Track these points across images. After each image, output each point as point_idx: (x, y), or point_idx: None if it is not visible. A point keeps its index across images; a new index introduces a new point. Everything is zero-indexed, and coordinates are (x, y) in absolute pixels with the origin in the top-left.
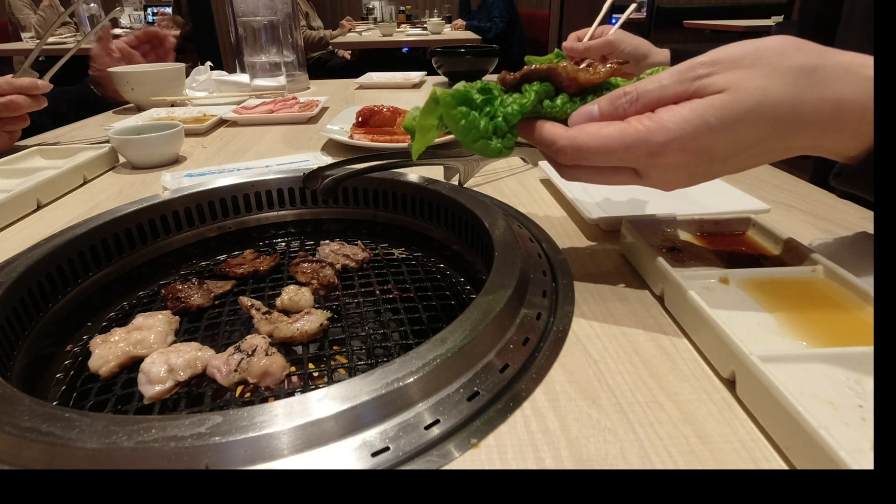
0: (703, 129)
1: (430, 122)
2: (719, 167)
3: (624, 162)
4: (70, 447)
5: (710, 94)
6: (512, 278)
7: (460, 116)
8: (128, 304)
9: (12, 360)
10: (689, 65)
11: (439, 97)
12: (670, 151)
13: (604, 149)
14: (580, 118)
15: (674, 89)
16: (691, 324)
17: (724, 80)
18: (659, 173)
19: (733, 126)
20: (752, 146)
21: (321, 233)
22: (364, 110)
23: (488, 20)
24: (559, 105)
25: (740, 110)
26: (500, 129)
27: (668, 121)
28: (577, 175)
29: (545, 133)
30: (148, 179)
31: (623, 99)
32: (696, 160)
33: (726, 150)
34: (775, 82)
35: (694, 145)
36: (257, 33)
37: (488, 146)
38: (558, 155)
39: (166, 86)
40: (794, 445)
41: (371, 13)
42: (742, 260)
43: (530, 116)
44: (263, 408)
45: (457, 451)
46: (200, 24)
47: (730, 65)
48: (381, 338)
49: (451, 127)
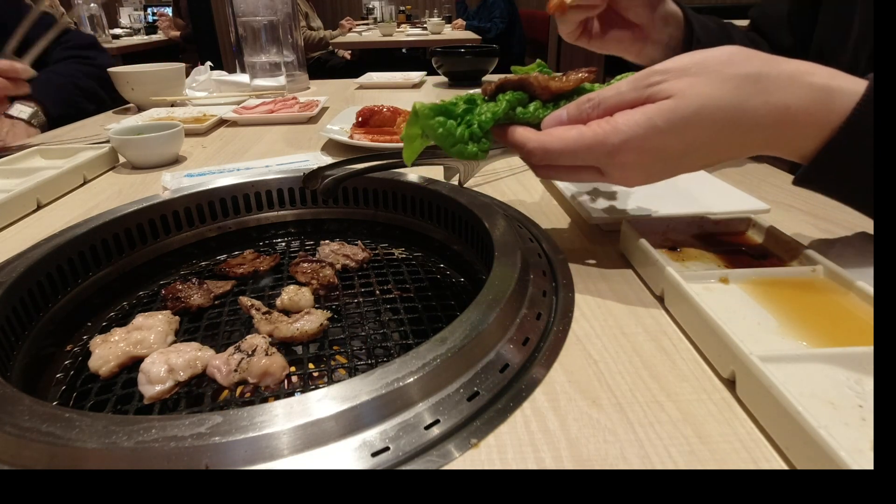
0: (652, 130)
1: (414, 132)
2: (675, 165)
3: (587, 161)
4: (70, 447)
5: (660, 100)
6: (512, 278)
7: (438, 125)
8: (128, 304)
9: (12, 360)
10: (645, 73)
11: (418, 110)
12: (625, 152)
13: (568, 150)
14: (550, 122)
15: (630, 95)
16: (691, 324)
17: (672, 86)
18: (619, 171)
19: (680, 129)
20: (701, 146)
21: (321, 233)
22: (364, 110)
23: (488, 20)
24: (531, 111)
25: (685, 114)
26: (475, 135)
27: (622, 124)
28: (549, 173)
29: (516, 136)
30: (148, 179)
31: (587, 104)
32: (650, 159)
33: (677, 151)
34: (719, 89)
35: (646, 146)
36: (257, 33)
37: (465, 150)
38: (529, 156)
39: (166, 86)
40: (794, 445)
41: (371, 13)
42: (742, 260)
43: (505, 122)
44: (263, 408)
45: (457, 451)
46: (200, 24)
47: (679, 73)
48: (381, 338)
49: (431, 135)
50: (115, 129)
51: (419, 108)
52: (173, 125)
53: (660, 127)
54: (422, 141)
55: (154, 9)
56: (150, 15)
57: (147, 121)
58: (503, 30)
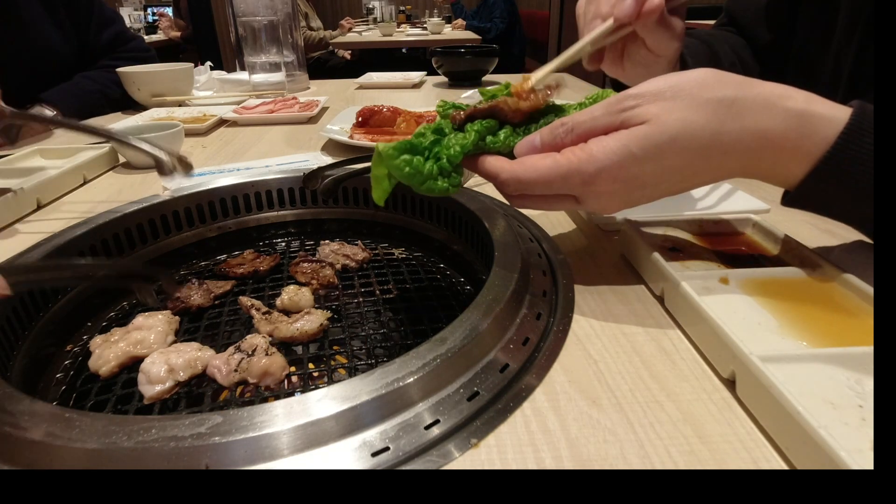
0: (629, 159)
1: (381, 172)
2: (651, 192)
3: (563, 190)
4: (70, 447)
5: (634, 125)
6: (512, 278)
7: (403, 164)
8: (128, 304)
9: (12, 360)
10: (618, 98)
11: (381, 152)
12: (601, 181)
13: (542, 180)
14: (523, 149)
15: (603, 121)
16: (691, 324)
17: (646, 111)
18: (594, 199)
19: (656, 155)
20: (679, 172)
21: (321, 233)
22: (364, 110)
23: (489, 20)
24: (502, 139)
25: (661, 140)
26: (444, 170)
27: (598, 152)
28: (524, 203)
29: (488, 167)
30: (148, 179)
31: (560, 129)
32: (626, 187)
33: (654, 177)
34: (695, 113)
35: (622, 174)
36: (257, 33)
37: (435, 186)
38: (502, 187)
39: (174, 86)
40: (794, 445)
41: (371, 13)
42: (742, 260)
43: (475, 153)
44: (263, 408)
45: (457, 451)
46: (200, 24)
47: (653, 97)
48: (381, 338)
49: (398, 176)
50: (115, 130)
51: (382, 150)
52: (173, 125)
53: (636, 154)
54: (390, 181)
55: (154, 9)
56: (151, 15)
57: (147, 121)
58: (503, 30)
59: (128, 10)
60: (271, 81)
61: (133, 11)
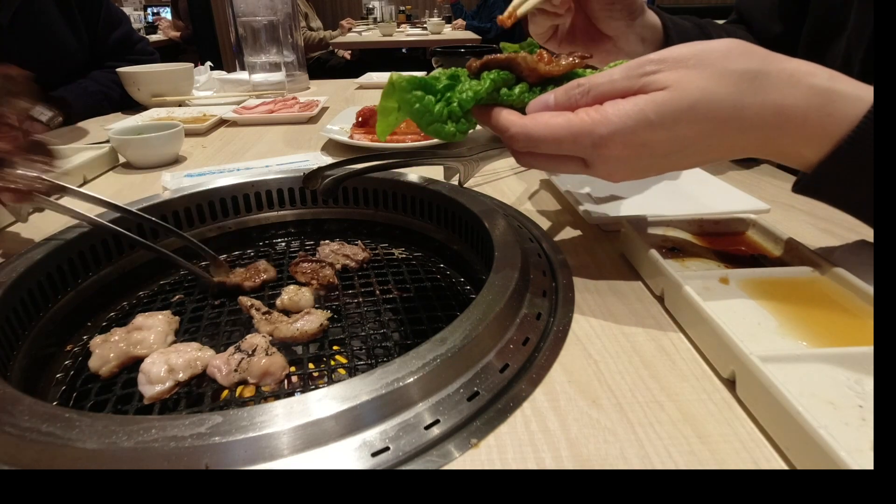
0: (643, 123)
1: (390, 105)
2: (662, 162)
3: (571, 151)
4: (70, 447)
5: (654, 91)
6: (512, 278)
7: (414, 100)
8: (128, 304)
9: (12, 360)
10: (639, 62)
11: (395, 82)
12: (612, 144)
13: (552, 138)
14: (536, 106)
15: (622, 84)
16: (691, 324)
17: (667, 78)
18: (603, 164)
19: (672, 123)
20: (693, 144)
21: (321, 233)
22: (364, 110)
23: (488, 20)
24: (516, 94)
25: (679, 107)
26: (454, 114)
27: (612, 114)
28: (531, 161)
29: (500, 120)
30: (148, 179)
31: (576, 90)
32: (637, 154)
33: (666, 147)
34: (717, 83)
35: (634, 139)
36: (257, 33)
37: (442, 129)
38: (511, 142)
39: (174, 86)
40: (794, 445)
41: (371, 13)
42: (742, 260)
43: (488, 103)
44: (263, 408)
45: (457, 451)
46: (200, 24)
47: (675, 64)
48: (381, 338)
49: (406, 110)
50: (115, 129)
51: (396, 80)
52: (173, 125)
53: (651, 120)
54: (398, 115)
55: (154, 9)
56: (150, 15)
57: (147, 121)
58: (503, 30)
59: (128, 9)
60: (271, 81)
61: (133, 11)
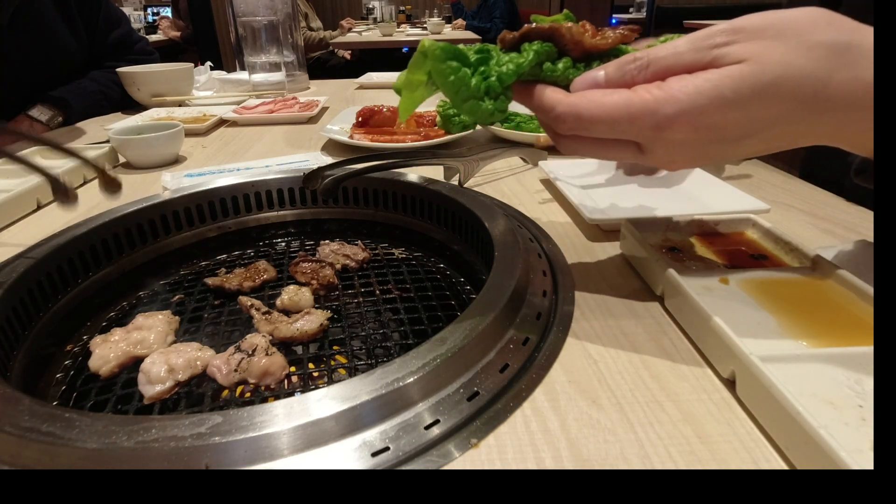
0: (717, 102)
1: (419, 78)
2: (729, 148)
3: (627, 135)
4: (70, 447)
5: (728, 65)
6: (512, 278)
7: (450, 72)
8: (128, 304)
9: (12, 360)
10: (708, 32)
11: (427, 50)
12: (678, 125)
13: (607, 118)
14: (584, 84)
15: (689, 57)
16: (691, 324)
17: (744, 50)
18: (664, 149)
19: (750, 101)
20: (768, 127)
21: (321, 233)
22: (364, 110)
23: (489, 20)
24: (560, 69)
25: (760, 83)
26: (492, 90)
27: (679, 91)
28: (575, 147)
29: (545, 98)
30: (148, 179)
31: (632, 65)
32: (704, 137)
33: (739, 129)
34: (802, 56)
35: (704, 121)
36: (257, 33)
37: (479, 107)
38: (556, 123)
39: (174, 86)
40: (794, 445)
41: (371, 13)
42: (742, 260)
43: (528, 79)
44: (263, 408)
45: (457, 451)
46: (200, 24)
47: (752, 34)
48: (381, 338)
49: (440, 83)
50: (115, 129)
51: (429, 48)
52: (173, 125)
53: (726, 97)
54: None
55: (154, 9)
56: (151, 15)
57: (147, 121)
58: (503, 30)
59: (128, 9)
60: (271, 81)
61: (133, 11)
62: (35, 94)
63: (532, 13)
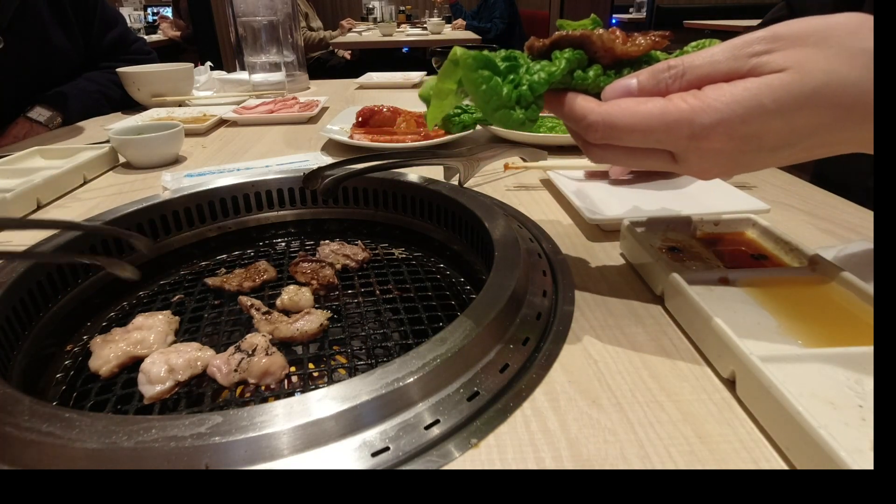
0: (756, 111)
1: (448, 87)
2: (766, 158)
3: (661, 144)
4: (70, 447)
5: (769, 73)
6: (512, 278)
7: (481, 81)
8: (128, 304)
9: (12, 360)
10: (746, 40)
11: (459, 58)
12: (715, 135)
13: (641, 127)
14: (616, 92)
15: (726, 65)
16: (691, 324)
17: (785, 58)
18: (698, 159)
19: (791, 110)
20: (808, 136)
21: (321, 233)
22: (364, 110)
23: (489, 20)
24: (591, 77)
25: (801, 93)
26: (524, 99)
27: (716, 100)
28: (607, 156)
29: (576, 106)
30: (148, 179)
31: (667, 73)
32: (742, 147)
33: (778, 139)
34: (845, 65)
35: (743, 130)
36: (257, 33)
37: (510, 116)
38: (587, 132)
39: (174, 86)
40: (794, 445)
41: (371, 13)
42: (742, 260)
43: (559, 87)
44: (263, 408)
45: (457, 451)
46: (200, 24)
47: (793, 42)
48: (381, 338)
49: (471, 92)
50: (115, 129)
51: (461, 56)
52: (173, 125)
53: (767, 107)
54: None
55: (154, 9)
56: (151, 15)
57: (147, 121)
58: (503, 30)
59: (128, 9)
60: (271, 81)
61: (133, 11)
62: (32, 97)
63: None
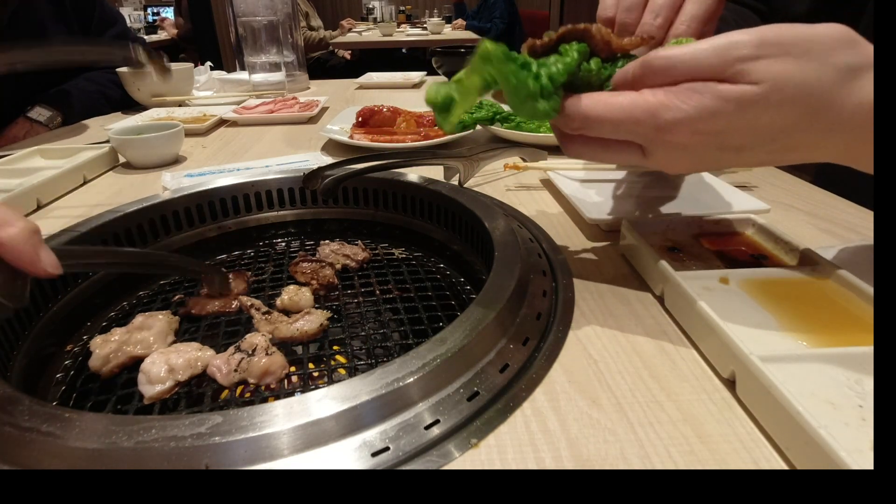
0: (721, 112)
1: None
2: (731, 156)
3: (630, 136)
4: (70, 447)
5: (746, 84)
6: (512, 278)
7: (512, 74)
8: (128, 304)
9: (12, 360)
10: (732, 42)
11: (491, 53)
12: (679, 130)
13: (612, 119)
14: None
15: (710, 64)
16: (691, 324)
17: (766, 71)
18: (664, 153)
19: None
20: (772, 140)
21: (321, 233)
22: (364, 110)
23: (489, 20)
24: (595, 69)
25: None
26: (545, 90)
27: (684, 101)
28: (580, 147)
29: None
30: (148, 179)
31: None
32: (705, 144)
33: (742, 139)
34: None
35: (706, 128)
36: (257, 33)
37: (536, 108)
38: (565, 121)
39: (174, 86)
40: (794, 445)
41: (371, 13)
42: (742, 260)
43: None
44: (263, 408)
45: (457, 451)
46: (200, 24)
47: (779, 49)
48: (381, 338)
49: (504, 85)
50: (115, 129)
51: (492, 50)
52: (173, 125)
53: (729, 112)
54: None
55: (154, 9)
56: (151, 15)
57: (147, 121)
58: (503, 30)
59: (128, 9)
60: (271, 81)
61: (133, 11)
62: (32, 97)
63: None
